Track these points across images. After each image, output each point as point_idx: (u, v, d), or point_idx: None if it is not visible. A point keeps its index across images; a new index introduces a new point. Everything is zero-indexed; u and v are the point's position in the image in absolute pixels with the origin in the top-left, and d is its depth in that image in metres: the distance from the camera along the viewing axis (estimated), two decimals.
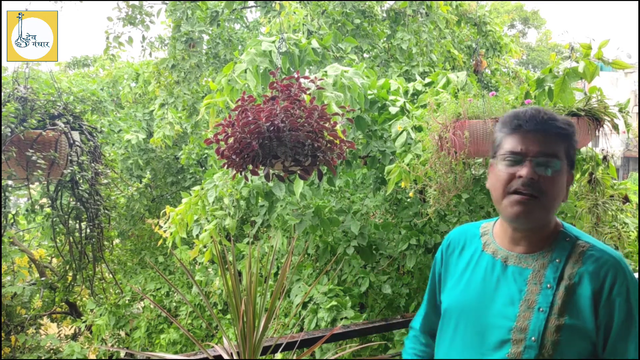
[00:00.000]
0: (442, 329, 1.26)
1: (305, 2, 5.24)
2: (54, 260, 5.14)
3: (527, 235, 1.16)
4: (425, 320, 1.41)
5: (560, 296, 1.08)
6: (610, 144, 2.87)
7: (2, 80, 3.02)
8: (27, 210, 4.99)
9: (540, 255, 1.14)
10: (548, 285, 1.09)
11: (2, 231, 3.02)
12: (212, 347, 1.43)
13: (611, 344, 1.05)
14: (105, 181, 3.16)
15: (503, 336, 1.10)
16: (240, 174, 1.95)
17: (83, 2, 4.68)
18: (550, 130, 1.12)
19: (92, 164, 2.94)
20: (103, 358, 5.53)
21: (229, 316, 4.78)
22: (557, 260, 1.12)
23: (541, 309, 1.08)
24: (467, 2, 6.25)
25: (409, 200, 3.83)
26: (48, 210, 3.44)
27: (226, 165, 1.93)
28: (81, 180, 2.89)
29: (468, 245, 1.28)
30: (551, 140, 1.11)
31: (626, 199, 3.22)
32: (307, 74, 3.51)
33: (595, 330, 1.05)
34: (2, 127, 2.44)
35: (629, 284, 1.06)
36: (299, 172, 1.96)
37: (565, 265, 1.10)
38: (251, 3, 5.81)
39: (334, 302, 3.16)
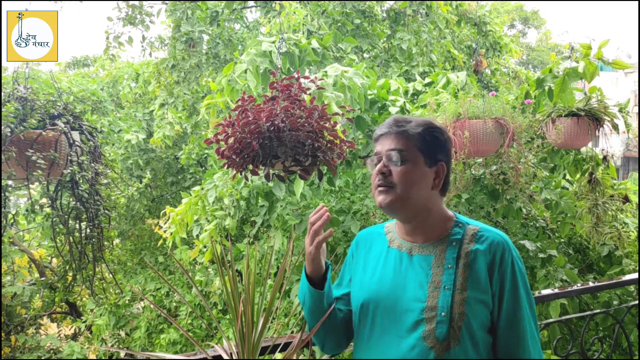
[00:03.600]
0: (360, 325, 1.34)
1: (305, 2, 5.24)
2: (54, 260, 5.14)
3: (417, 226, 1.31)
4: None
5: (460, 273, 1.23)
6: (610, 144, 2.87)
7: (2, 80, 3.02)
8: (27, 210, 4.98)
9: (439, 242, 1.29)
10: (449, 266, 1.24)
11: (2, 231, 3.02)
12: (212, 347, 1.43)
13: (505, 307, 1.22)
14: (105, 181, 3.15)
15: (417, 317, 1.22)
16: (240, 174, 1.95)
17: (83, 2, 4.69)
18: (395, 130, 1.29)
19: (92, 164, 2.94)
20: (103, 358, 5.53)
21: (228, 316, 4.78)
22: (453, 244, 1.27)
23: (446, 287, 1.22)
24: (467, 2, 6.25)
25: None
26: (48, 210, 3.43)
27: (226, 165, 1.92)
28: (81, 180, 2.89)
29: (375, 244, 1.41)
30: (398, 138, 1.28)
31: (626, 199, 3.22)
32: (307, 74, 3.51)
33: (491, 298, 1.22)
34: (2, 127, 2.44)
35: (514, 258, 1.25)
36: (299, 172, 1.96)
37: (461, 247, 1.26)
38: (251, 3, 5.81)
39: None
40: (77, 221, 3.07)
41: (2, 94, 2.67)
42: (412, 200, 1.27)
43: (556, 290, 2.34)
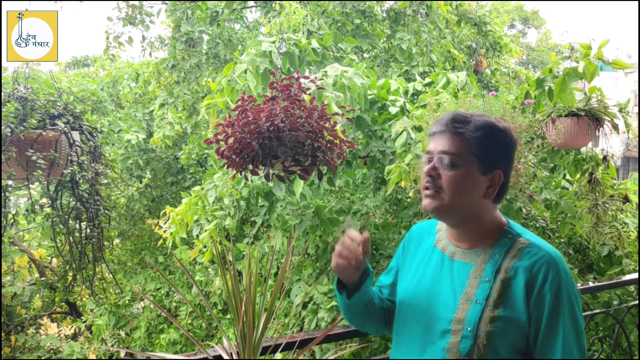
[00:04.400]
0: (397, 323, 1.32)
1: (305, 2, 5.23)
2: (54, 260, 5.14)
3: (464, 232, 1.23)
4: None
5: (496, 289, 1.13)
6: (610, 144, 2.87)
7: (2, 80, 3.02)
8: (27, 210, 4.98)
9: (483, 251, 1.20)
10: (486, 279, 1.15)
11: (2, 231, 3.02)
12: (212, 347, 1.43)
13: (541, 338, 1.10)
14: (105, 181, 3.16)
15: (445, 326, 1.16)
16: (240, 174, 1.95)
17: (83, 2, 4.69)
18: (450, 131, 1.18)
19: (92, 164, 2.94)
20: (103, 358, 5.53)
21: (229, 316, 4.78)
22: (497, 256, 1.17)
23: (478, 301, 1.13)
24: (467, 2, 6.25)
25: (409, 200, 3.83)
26: (48, 210, 3.43)
27: (226, 165, 1.92)
28: (81, 180, 2.89)
29: (425, 240, 1.36)
30: (453, 140, 1.18)
31: (626, 199, 3.22)
32: (307, 74, 3.51)
33: (527, 322, 1.10)
34: (2, 127, 2.44)
35: (561, 281, 1.10)
36: (299, 172, 1.96)
37: (503, 260, 1.16)
38: (251, 3, 5.80)
39: (334, 302, 3.16)
40: (77, 221, 3.07)
41: (2, 94, 2.67)
42: (460, 209, 1.19)
43: None
